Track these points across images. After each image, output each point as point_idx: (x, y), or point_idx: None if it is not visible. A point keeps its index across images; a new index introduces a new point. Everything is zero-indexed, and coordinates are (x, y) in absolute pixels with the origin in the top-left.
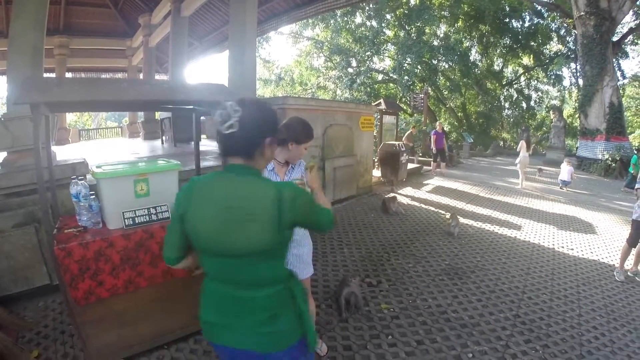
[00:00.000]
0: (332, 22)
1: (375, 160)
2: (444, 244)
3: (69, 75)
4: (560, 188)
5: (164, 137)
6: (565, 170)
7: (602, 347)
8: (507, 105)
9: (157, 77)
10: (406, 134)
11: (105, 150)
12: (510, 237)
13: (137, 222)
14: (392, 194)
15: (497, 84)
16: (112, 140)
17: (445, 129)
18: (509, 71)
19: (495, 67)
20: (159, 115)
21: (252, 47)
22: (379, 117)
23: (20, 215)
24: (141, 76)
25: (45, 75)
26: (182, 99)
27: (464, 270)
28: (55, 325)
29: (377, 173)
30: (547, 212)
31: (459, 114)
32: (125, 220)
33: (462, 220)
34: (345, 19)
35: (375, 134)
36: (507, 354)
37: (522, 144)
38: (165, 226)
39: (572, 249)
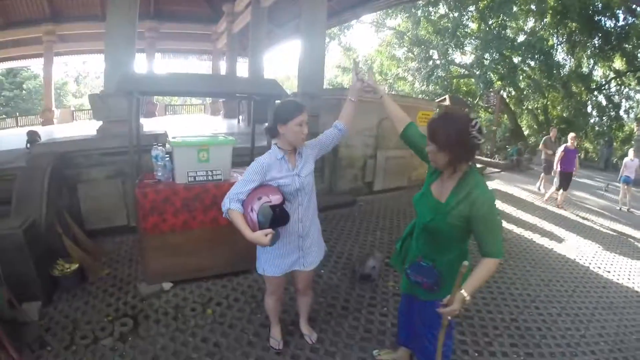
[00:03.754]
0: (413, 11)
1: None
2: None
3: (158, 55)
4: (619, 209)
5: (240, 117)
6: (631, 165)
7: None
8: (594, 112)
9: (239, 60)
10: (544, 140)
11: (188, 126)
12: (546, 248)
13: (197, 179)
14: None
15: (583, 88)
16: (195, 116)
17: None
18: (598, 75)
19: (584, 70)
20: None
21: (321, 39)
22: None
23: (111, 170)
24: (225, 59)
25: (137, 54)
26: (241, 91)
27: None
28: (125, 255)
29: None
30: (599, 230)
31: (540, 118)
32: (189, 177)
33: (505, 224)
34: (429, 8)
35: None
36: (487, 350)
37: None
38: (218, 185)
39: (609, 272)
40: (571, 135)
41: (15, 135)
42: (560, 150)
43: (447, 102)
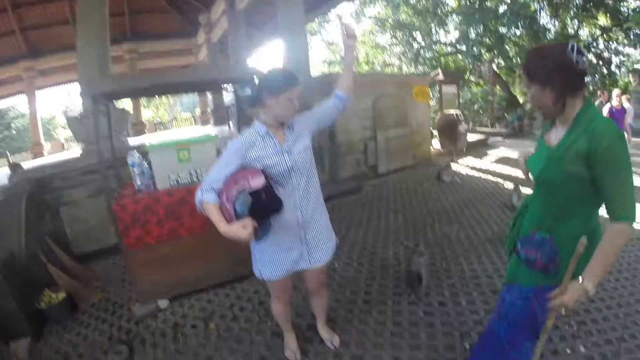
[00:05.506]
0: None
1: (434, 130)
2: (497, 213)
3: None
4: None
5: (230, 122)
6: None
7: None
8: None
9: None
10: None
11: (175, 136)
12: None
13: (180, 182)
14: (446, 163)
15: None
16: (186, 129)
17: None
18: (585, 34)
19: (570, 31)
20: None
21: (302, 34)
22: (438, 88)
23: (92, 188)
24: None
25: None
26: (218, 78)
27: None
28: (119, 275)
29: (438, 144)
30: None
31: None
32: (171, 181)
33: (523, 190)
34: None
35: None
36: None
37: None
38: None
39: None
40: (616, 91)
41: (3, 175)
42: (604, 112)
43: (441, 77)
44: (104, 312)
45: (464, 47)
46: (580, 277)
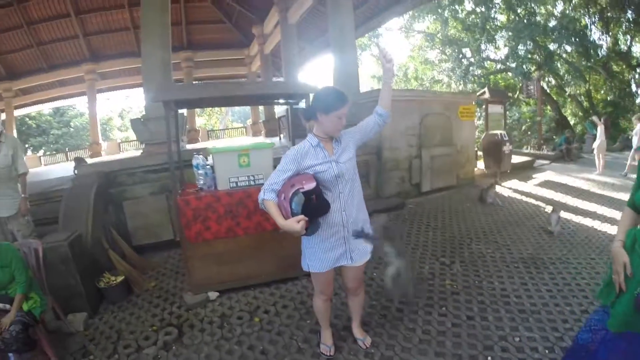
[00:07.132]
0: (440, 12)
1: (478, 150)
2: (533, 236)
3: (196, 83)
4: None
5: (281, 134)
6: None
7: None
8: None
9: (274, 80)
10: None
11: (233, 143)
12: (609, 235)
13: (239, 185)
14: (490, 183)
15: (624, 66)
16: (237, 139)
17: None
18: (637, 50)
19: (622, 47)
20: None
21: (351, 48)
22: (484, 106)
23: (155, 186)
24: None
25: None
26: (277, 92)
27: (543, 261)
28: (172, 268)
29: (482, 165)
30: None
31: (585, 104)
32: (230, 183)
33: (562, 214)
34: (455, 7)
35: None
36: (558, 346)
37: (601, 127)
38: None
39: None
40: None
41: (65, 168)
42: None
43: (487, 95)
44: (156, 298)
45: (513, 65)
46: None
